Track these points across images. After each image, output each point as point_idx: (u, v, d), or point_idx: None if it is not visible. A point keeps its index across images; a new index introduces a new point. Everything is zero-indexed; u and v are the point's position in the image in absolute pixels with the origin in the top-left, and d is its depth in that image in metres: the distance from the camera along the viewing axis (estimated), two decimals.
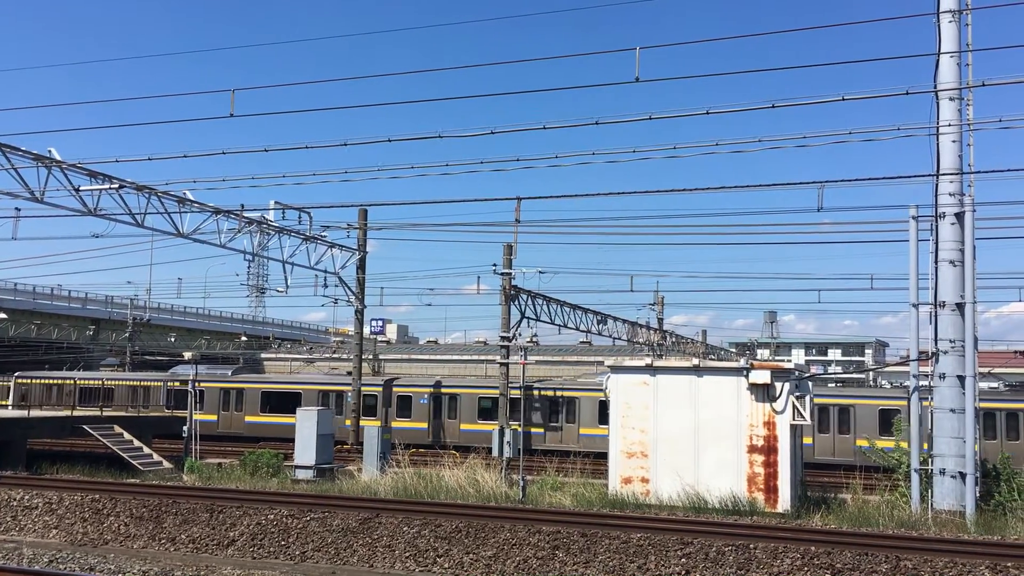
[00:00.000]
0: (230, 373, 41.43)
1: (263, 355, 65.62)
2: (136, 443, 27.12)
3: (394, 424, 34.35)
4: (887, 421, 29.00)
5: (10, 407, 36.03)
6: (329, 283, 33.08)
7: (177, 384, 38.60)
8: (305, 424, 25.69)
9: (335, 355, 58.97)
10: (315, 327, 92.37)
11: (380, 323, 75.64)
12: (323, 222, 30.33)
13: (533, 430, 33.98)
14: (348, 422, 34.27)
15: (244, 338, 72.99)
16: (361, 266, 34.49)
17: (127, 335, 59.84)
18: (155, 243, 38.07)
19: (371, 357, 52.44)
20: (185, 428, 28.59)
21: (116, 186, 23.11)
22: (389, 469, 23.19)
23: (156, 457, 26.81)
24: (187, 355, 33.43)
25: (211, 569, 13.43)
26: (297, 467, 25.27)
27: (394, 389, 36.92)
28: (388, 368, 55.42)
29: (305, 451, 25.39)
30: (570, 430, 34.18)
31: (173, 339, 69.44)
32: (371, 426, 25.77)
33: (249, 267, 38.30)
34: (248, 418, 38.52)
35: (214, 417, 38.07)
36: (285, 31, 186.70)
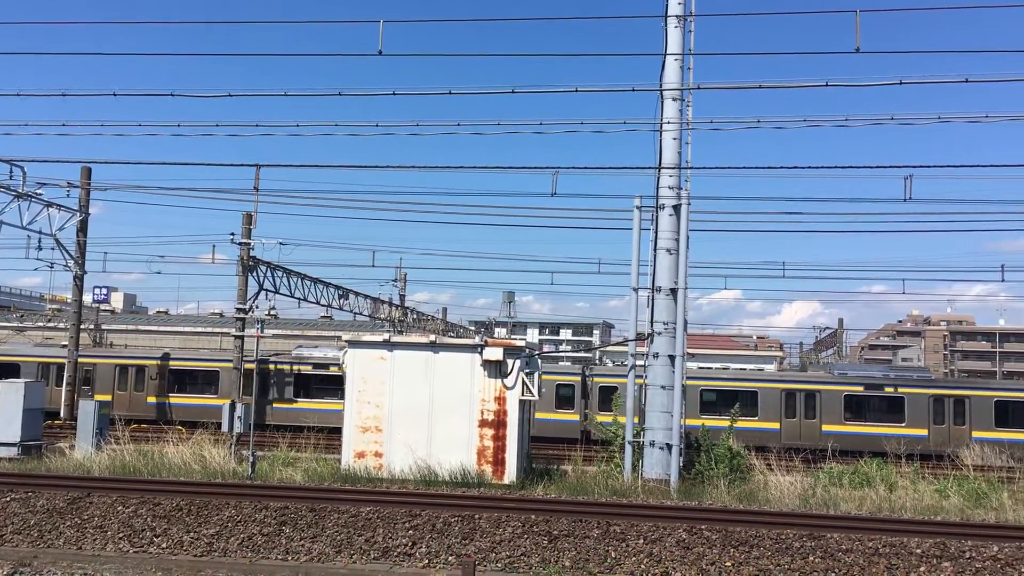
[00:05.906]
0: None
1: None
2: None
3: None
4: (559, 396, 31.85)
5: None
6: (44, 245, 30.57)
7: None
8: (10, 397, 23.52)
9: (50, 323, 54.25)
10: (28, 293, 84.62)
11: (104, 291, 70.50)
12: (39, 178, 27.96)
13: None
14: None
15: None
16: (82, 228, 31.98)
17: None
18: None
19: (93, 327, 48.81)
20: None
21: None
22: (107, 446, 21.82)
23: None
24: None
25: None
26: None
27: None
28: (113, 339, 51.81)
29: (9, 426, 23.26)
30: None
31: None
32: (86, 401, 23.96)
33: None
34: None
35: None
36: None
